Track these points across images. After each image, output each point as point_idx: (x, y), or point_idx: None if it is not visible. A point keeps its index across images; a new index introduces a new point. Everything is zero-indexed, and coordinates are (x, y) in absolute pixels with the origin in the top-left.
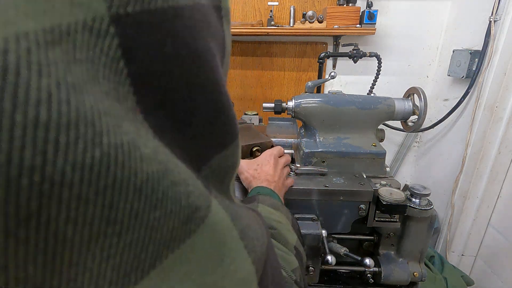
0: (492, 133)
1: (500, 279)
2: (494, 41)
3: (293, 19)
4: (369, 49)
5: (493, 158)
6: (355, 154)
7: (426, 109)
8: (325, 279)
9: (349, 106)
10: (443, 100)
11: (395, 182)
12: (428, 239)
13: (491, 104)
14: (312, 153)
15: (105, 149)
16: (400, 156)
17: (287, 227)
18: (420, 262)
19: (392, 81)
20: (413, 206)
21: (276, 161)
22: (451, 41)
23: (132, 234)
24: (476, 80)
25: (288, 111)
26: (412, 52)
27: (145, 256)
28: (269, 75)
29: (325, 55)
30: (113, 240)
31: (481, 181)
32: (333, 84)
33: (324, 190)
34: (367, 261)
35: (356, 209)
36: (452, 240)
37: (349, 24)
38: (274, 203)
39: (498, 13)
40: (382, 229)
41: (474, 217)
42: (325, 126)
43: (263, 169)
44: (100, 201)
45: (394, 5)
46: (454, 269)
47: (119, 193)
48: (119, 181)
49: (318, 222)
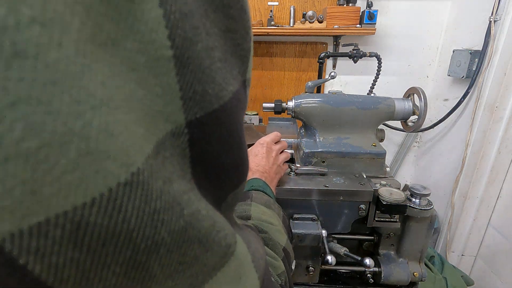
0: (492, 133)
1: (500, 279)
2: (494, 41)
3: (293, 19)
4: (369, 49)
5: (493, 158)
6: (355, 154)
7: (426, 109)
8: (325, 279)
9: (349, 106)
10: (443, 100)
11: (395, 182)
12: (428, 239)
13: (491, 104)
14: (312, 153)
15: (186, 218)
16: (400, 156)
17: (277, 228)
18: (420, 262)
19: (392, 81)
20: (413, 206)
21: (268, 149)
22: (451, 41)
23: (192, 269)
24: (476, 80)
25: (288, 111)
26: (412, 52)
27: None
28: (269, 75)
29: (325, 55)
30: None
31: (481, 181)
32: (333, 84)
33: (324, 190)
34: (367, 261)
35: (356, 209)
36: (452, 240)
37: (349, 24)
38: (267, 201)
39: (498, 13)
40: (382, 229)
41: (474, 217)
42: (325, 126)
43: (254, 160)
44: (178, 251)
45: (394, 5)
46: (454, 269)
47: (189, 244)
48: (191, 237)
49: (318, 222)
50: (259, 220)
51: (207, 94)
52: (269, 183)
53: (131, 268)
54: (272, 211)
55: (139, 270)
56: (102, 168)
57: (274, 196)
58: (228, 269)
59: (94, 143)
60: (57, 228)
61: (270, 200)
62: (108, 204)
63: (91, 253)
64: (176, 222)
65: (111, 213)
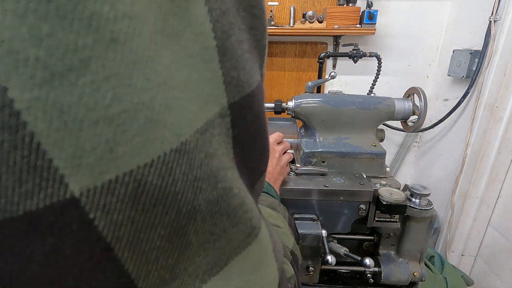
0: (492, 133)
1: (500, 279)
2: (494, 41)
3: (293, 19)
4: (369, 49)
5: (493, 158)
6: (355, 154)
7: (426, 109)
8: (325, 279)
9: (349, 106)
10: (443, 100)
11: (395, 182)
12: (428, 239)
13: (491, 104)
14: (312, 153)
15: (219, 191)
16: (400, 156)
17: (284, 230)
18: (420, 262)
19: (392, 81)
20: (413, 206)
21: (271, 150)
22: (451, 41)
23: (220, 241)
24: (476, 80)
25: (288, 111)
26: (412, 52)
27: (223, 256)
28: (269, 75)
29: (325, 55)
30: (211, 244)
31: (481, 181)
32: (333, 84)
33: (324, 190)
34: (367, 261)
35: (356, 209)
36: (452, 240)
37: (349, 24)
38: (272, 203)
39: (498, 13)
40: (382, 229)
41: (474, 217)
42: (325, 126)
43: None
44: (210, 221)
45: (394, 5)
46: (454, 269)
47: (220, 216)
48: (221, 209)
49: (318, 222)
50: None
51: (241, 80)
52: (273, 184)
53: (173, 231)
54: (277, 213)
55: (179, 234)
56: (160, 135)
57: (278, 197)
58: (252, 250)
59: (156, 113)
60: (123, 186)
61: (275, 201)
62: (163, 166)
63: (144, 213)
64: (211, 192)
65: (164, 175)
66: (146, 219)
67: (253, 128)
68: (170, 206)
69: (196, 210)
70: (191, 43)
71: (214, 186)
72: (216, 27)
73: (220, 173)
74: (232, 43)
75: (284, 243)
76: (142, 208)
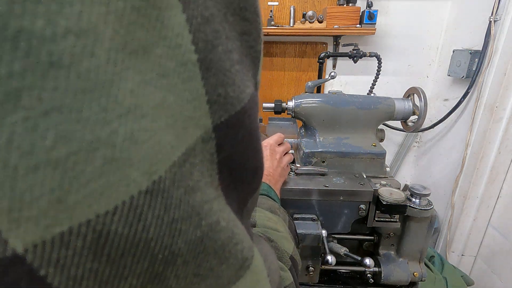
0: (492, 133)
1: (500, 279)
2: (494, 41)
3: (293, 19)
4: (369, 49)
5: (493, 158)
6: (355, 154)
7: (426, 109)
8: (325, 279)
9: (349, 106)
10: (443, 100)
11: (395, 182)
12: (428, 239)
13: (491, 104)
14: (312, 153)
15: (204, 229)
16: (400, 156)
17: (284, 234)
18: (420, 262)
19: (392, 81)
20: (413, 206)
21: (272, 151)
22: (451, 41)
23: (206, 281)
24: (476, 80)
25: (288, 111)
26: (412, 52)
27: None
28: (269, 75)
29: (325, 55)
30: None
31: (481, 181)
32: (333, 84)
33: (324, 190)
34: (367, 261)
35: (356, 209)
36: (452, 240)
37: (349, 24)
38: (272, 206)
39: (498, 13)
40: (382, 229)
41: (474, 217)
42: (325, 126)
43: None
44: (193, 263)
45: (394, 5)
46: (454, 269)
47: (205, 256)
48: (207, 248)
49: (318, 222)
50: (265, 227)
51: (229, 97)
52: (273, 186)
53: (147, 280)
54: (277, 217)
55: (155, 282)
56: (125, 176)
57: (279, 199)
58: (244, 282)
59: (119, 151)
60: (79, 238)
61: (274, 204)
62: (129, 212)
63: (110, 264)
64: (193, 232)
65: (132, 222)
66: (113, 270)
67: (244, 147)
68: (142, 255)
69: (175, 255)
70: (164, 59)
71: (197, 224)
72: (198, 37)
73: (204, 207)
74: (218, 55)
75: (283, 248)
76: (106, 259)
